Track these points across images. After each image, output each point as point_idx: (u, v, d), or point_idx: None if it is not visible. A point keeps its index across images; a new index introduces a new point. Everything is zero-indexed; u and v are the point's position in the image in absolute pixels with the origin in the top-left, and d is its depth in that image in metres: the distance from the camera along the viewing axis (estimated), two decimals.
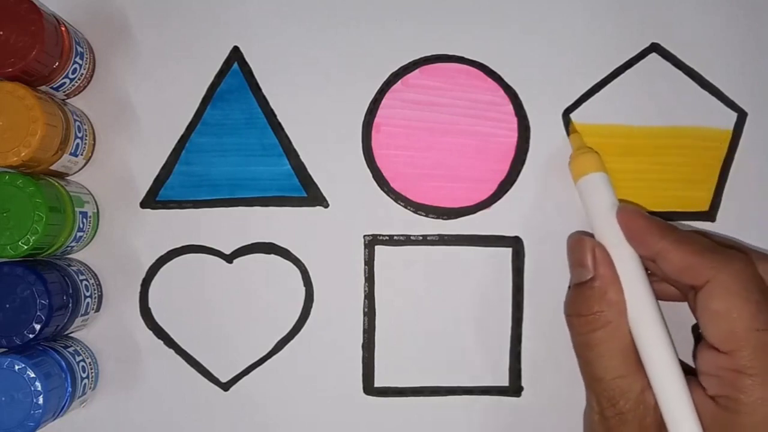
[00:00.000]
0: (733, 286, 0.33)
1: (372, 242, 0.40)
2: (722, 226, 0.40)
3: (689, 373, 0.34)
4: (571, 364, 0.37)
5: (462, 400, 0.40)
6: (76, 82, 0.38)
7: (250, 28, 0.40)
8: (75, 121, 0.38)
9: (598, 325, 0.35)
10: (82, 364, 0.37)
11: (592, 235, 0.37)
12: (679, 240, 0.34)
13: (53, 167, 0.37)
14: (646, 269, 0.36)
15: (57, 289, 0.35)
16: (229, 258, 0.40)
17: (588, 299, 0.35)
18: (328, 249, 0.40)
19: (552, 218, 0.40)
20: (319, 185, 0.40)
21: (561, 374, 0.39)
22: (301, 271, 0.40)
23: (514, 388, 0.40)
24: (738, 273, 0.33)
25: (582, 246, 0.36)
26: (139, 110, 0.40)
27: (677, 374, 0.34)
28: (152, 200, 0.40)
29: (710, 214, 0.40)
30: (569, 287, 0.37)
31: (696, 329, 0.38)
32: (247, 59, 0.40)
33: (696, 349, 0.35)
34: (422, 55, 0.40)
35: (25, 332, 0.35)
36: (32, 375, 0.34)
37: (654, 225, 0.35)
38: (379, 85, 0.40)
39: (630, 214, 0.36)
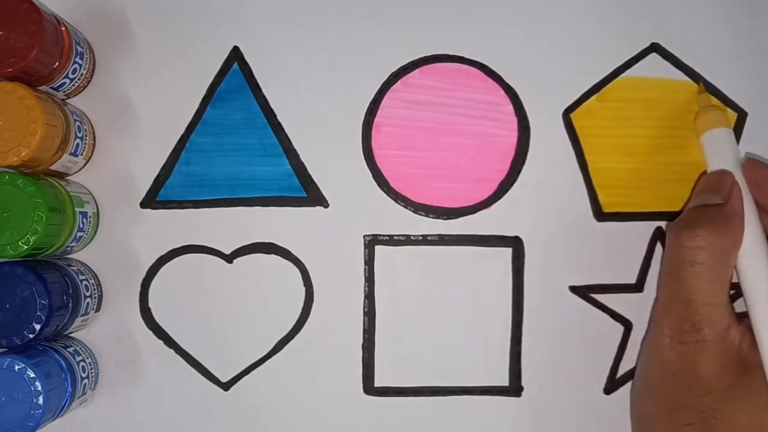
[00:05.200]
0: None
1: (372, 242, 0.40)
2: None
3: None
4: (571, 364, 0.37)
5: (462, 400, 0.40)
6: (76, 82, 0.38)
7: (250, 28, 0.40)
8: (75, 121, 0.38)
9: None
10: (82, 364, 0.37)
11: None
12: None
13: (53, 167, 0.37)
14: None
15: (57, 289, 0.35)
16: (229, 258, 0.40)
17: (708, 218, 0.35)
18: (328, 249, 0.40)
19: (552, 218, 0.40)
20: (319, 185, 0.40)
21: (561, 374, 0.39)
22: (301, 271, 0.40)
23: (514, 388, 0.40)
24: None
25: (726, 177, 0.36)
26: (139, 110, 0.40)
27: None
28: (152, 200, 0.40)
29: None
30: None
31: None
32: (247, 59, 0.40)
33: None
34: (422, 55, 0.40)
35: (25, 332, 0.35)
36: (32, 375, 0.34)
37: None
38: (379, 85, 0.40)
39: (755, 165, 0.37)
